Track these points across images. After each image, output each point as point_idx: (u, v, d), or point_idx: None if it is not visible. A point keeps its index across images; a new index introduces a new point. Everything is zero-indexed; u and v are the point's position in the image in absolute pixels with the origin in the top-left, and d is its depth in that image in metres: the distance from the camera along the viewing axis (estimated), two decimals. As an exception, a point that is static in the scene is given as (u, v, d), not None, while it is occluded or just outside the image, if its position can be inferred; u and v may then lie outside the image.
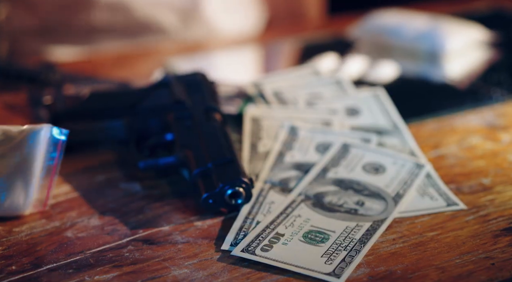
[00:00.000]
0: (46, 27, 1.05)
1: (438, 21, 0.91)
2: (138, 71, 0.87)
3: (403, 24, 0.92)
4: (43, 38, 1.05)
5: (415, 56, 0.89)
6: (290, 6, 1.21)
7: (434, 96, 0.79)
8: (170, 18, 1.06)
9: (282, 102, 0.70)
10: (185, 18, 1.06)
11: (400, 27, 0.91)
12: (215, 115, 0.63)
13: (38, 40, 1.05)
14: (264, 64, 0.98)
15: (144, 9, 1.04)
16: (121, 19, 1.04)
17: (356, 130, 0.65)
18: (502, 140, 0.65)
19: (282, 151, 0.62)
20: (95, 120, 0.65)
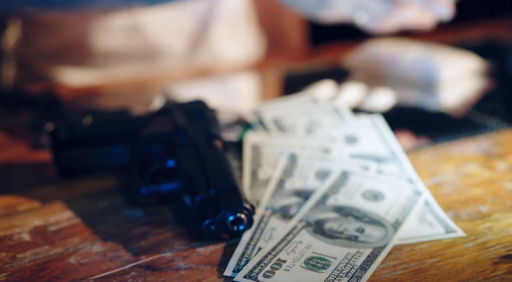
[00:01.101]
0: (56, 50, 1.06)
1: (432, 51, 0.93)
2: (140, 98, 0.88)
3: (399, 53, 0.93)
4: (53, 60, 1.06)
5: (411, 85, 0.91)
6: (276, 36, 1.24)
7: (430, 124, 0.81)
8: (179, 42, 1.07)
9: (281, 130, 0.71)
10: (193, 43, 1.08)
11: (396, 57, 0.93)
12: (216, 142, 0.64)
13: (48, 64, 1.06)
14: (262, 91, 0.99)
15: (153, 34, 1.05)
16: (131, 44, 1.05)
17: (355, 158, 0.66)
18: (498, 168, 0.67)
19: (282, 178, 0.63)
20: (97, 147, 0.66)
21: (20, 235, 0.56)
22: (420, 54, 0.92)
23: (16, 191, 0.63)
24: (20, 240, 0.56)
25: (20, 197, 0.62)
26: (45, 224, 0.58)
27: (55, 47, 1.05)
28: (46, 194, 0.63)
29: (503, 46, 1.06)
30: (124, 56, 1.06)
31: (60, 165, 0.65)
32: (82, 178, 0.65)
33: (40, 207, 0.61)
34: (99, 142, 0.66)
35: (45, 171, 0.67)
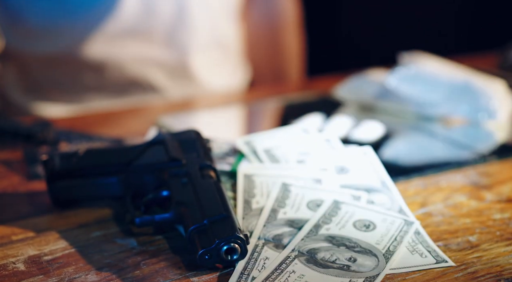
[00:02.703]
0: (37, 86, 1.07)
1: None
2: (132, 129, 0.89)
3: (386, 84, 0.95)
4: (33, 96, 1.07)
5: (400, 115, 0.92)
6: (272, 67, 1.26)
7: (420, 155, 0.82)
8: (159, 76, 1.09)
9: (273, 160, 0.72)
10: (173, 76, 1.09)
11: (385, 87, 0.95)
12: (209, 172, 0.65)
13: (29, 97, 1.07)
14: (253, 122, 1.00)
15: (134, 68, 1.07)
16: (111, 77, 1.06)
17: (346, 188, 0.68)
18: (486, 199, 0.68)
19: (275, 208, 0.64)
20: (91, 177, 0.66)
21: (14, 265, 0.57)
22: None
23: (11, 220, 0.64)
24: (15, 270, 0.56)
25: (15, 227, 0.62)
26: (39, 254, 0.58)
27: (33, 82, 1.06)
28: (40, 223, 0.63)
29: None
30: (101, 90, 1.07)
31: (54, 195, 0.66)
32: (76, 208, 0.66)
33: (34, 237, 0.61)
34: (93, 172, 0.66)
35: (40, 201, 0.67)
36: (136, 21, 1.05)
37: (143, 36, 1.06)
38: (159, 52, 1.07)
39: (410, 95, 0.92)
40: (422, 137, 0.88)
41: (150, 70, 1.08)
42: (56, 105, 1.07)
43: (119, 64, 1.06)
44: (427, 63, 0.95)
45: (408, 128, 0.90)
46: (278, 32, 1.26)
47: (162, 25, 1.06)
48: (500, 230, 0.62)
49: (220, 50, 1.15)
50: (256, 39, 1.26)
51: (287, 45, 1.27)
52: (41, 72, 1.06)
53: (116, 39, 1.04)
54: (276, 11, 1.24)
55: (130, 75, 1.07)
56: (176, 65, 1.09)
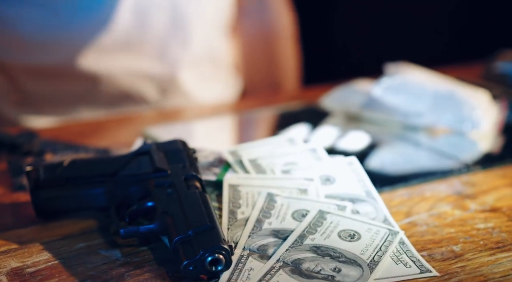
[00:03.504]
0: (28, 98, 1.06)
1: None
2: (118, 140, 0.89)
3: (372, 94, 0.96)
4: (24, 108, 1.07)
5: (385, 125, 0.93)
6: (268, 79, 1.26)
7: (404, 165, 0.83)
8: (151, 89, 1.09)
9: (259, 170, 0.72)
10: (163, 89, 1.09)
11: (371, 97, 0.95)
12: (195, 182, 0.65)
13: (19, 110, 1.07)
14: (240, 132, 1.01)
15: (126, 81, 1.07)
16: (103, 90, 1.06)
17: (331, 198, 0.68)
18: (470, 208, 0.68)
19: (260, 218, 0.64)
20: (75, 188, 0.66)
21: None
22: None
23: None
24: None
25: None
26: (22, 266, 0.58)
27: (24, 94, 1.06)
28: (24, 235, 0.63)
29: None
30: (92, 103, 1.07)
31: (38, 206, 0.65)
32: (61, 219, 0.66)
33: (18, 249, 0.60)
34: (78, 183, 0.66)
35: (24, 212, 0.67)
36: (129, 34, 1.05)
37: (136, 49, 1.06)
38: (151, 65, 1.08)
39: (395, 105, 0.92)
40: (407, 147, 0.88)
41: (142, 83, 1.08)
42: (47, 118, 1.07)
43: (111, 77, 1.06)
44: (412, 74, 0.95)
45: (393, 138, 0.91)
46: (273, 44, 1.26)
47: (155, 39, 1.07)
48: (484, 239, 0.62)
49: (212, 64, 1.16)
50: (251, 51, 1.26)
51: (282, 57, 1.28)
52: (32, 84, 1.05)
53: (109, 52, 1.04)
54: (271, 23, 1.25)
55: (122, 88, 1.07)
56: (167, 79, 1.10)
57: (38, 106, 1.07)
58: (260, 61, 1.27)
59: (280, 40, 1.26)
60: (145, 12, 1.04)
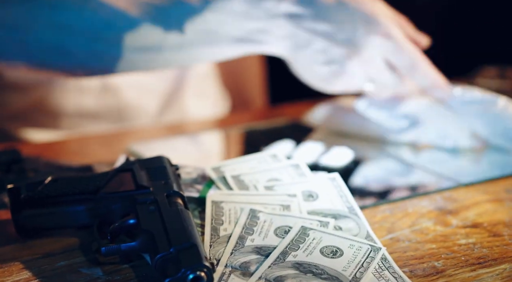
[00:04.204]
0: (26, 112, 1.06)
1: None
2: (102, 157, 0.89)
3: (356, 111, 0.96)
4: (22, 122, 1.06)
5: (369, 141, 0.93)
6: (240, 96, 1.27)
7: (387, 180, 0.83)
8: (151, 102, 1.09)
9: (242, 187, 0.72)
10: (165, 104, 1.10)
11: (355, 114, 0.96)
12: (177, 199, 0.65)
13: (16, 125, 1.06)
14: (224, 149, 1.01)
15: (127, 94, 1.07)
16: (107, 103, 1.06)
17: (313, 214, 0.68)
18: (451, 224, 0.69)
19: (243, 235, 0.64)
20: (57, 206, 0.66)
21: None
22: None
23: (-26, 251, 0.63)
24: (-24, 302, 0.55)
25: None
26: (2, 285, 0.57)
27: (23, 108, 1.05)
28: (4, 254, 0.62)
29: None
30: (95, 116, 1.07)
31: (19, 224, 0.65)
32: (42, 237, 0.65)
33: (-3, 267, 0.60)
34: (59, 201, 0.66)
35: (4, 230, 0.66)
36: None
37: None
38: (155, 80, 1.08)
39: (378, 121, 0.93)
40: (391, 162, 0.89)
41: (146, 98, 1.08)
42: (53, 131, 1.06)
43: (116, 90, 1.06)
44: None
45: (377, 154, 0.91)
46: (241, 61, 1.27)
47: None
48: (465, 255, 0.62)
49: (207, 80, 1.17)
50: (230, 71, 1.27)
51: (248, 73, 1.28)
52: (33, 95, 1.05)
53: None
54: None
55: (126, 102, 1.07)
56: (171, 94, 1.10)
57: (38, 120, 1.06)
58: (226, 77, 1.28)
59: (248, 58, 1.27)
60: None
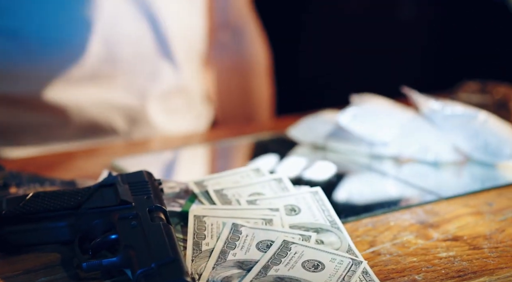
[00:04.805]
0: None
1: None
2: (85, 172, 0.89)
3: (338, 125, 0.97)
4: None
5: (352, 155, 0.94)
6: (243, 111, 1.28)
7: (370, 194, 0.84)
8: (120, 120, 1.09)
9: (225, 201, 0.73)
10: (132, 120, 1.10)
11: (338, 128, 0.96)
12: (159, 214, 0.65)
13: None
14: (209, 163, 1.01)
15: (95, 112, 1.07)
16: (72, 121, 1.06)
17: (296, 228, 0.68)
18: (432, 237, 0.69)
19: (225, 249, 0.64)
20: (38, 222, 0.65)
21: (-45, 314, 0.55)
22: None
23: (-48, 267, 0.62)
24: (-46, 319, 0.54)
25: (-44, 274, 0.61)
26: (-18, 301, 0.57)
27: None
28: (-16, 270, 0.62)
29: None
30: (61, 134, 1.06)
31: (0, 240, 0.65)
32: (23, 253, 0.65)
33: (-23, 284, 0.60)
34: (40, 217, 0.65)
35: (-16, 247, 0.66)
36: (99, 66, 1.05)
37: (105, 81, 1.07)
38: (120, 96, 1.08)
39: (361, 134, 0.94)
40: (374, 176, 0.89)
41: (111, 115, 1.08)
42: (16, 149, 1.06)
43: (80, 108, 1.06)
44: (377, 104, 0.97)
45: (359, 167, 0.92)
46: (248, 77, 1.28)
47: (124, 71, 1.07)
48: (445, 268, 0.63)
49: (183, 96, 1.17)
50: (226, 83, 1.28)
51: (256, 89, 1.29)
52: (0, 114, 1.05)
53: (78, 83, 1.05)
54: (247, 56, 1.27)
55: (91, 119, 1.07)
56: (136, 110, 1.10)
57: (5, 136, 1.06)
58: (234, 93, 1.29)
59: (255, 73, 1.28)
60: (115, 45, 1.05)
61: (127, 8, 1.05)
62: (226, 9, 1.23)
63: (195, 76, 1.18)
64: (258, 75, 1.29)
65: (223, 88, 1.27)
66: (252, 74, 1.28)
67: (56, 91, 1.03)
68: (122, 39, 1.06)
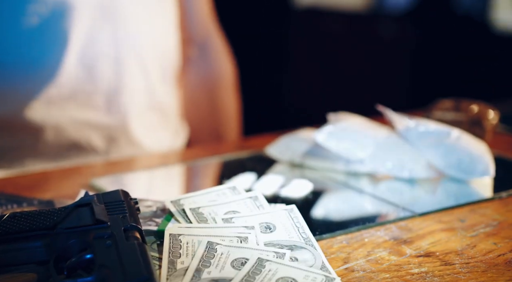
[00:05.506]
0: None
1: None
2: (64, 192, 0.89)
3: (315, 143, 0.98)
4: None
5: (329, 172, 0.95)
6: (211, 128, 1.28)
7: (346, 211, 0.85)
8: (99, 139, 1.09)
9: (201, 219, 0.73)
10: (112, 139, 1.10)
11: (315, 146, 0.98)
12: (135, 233, 0.65)
13: None
14: (186, 182, 1.01)
15: (73, 131, 1.07)
16: (49, 140, 1.06)
17: (270, 246, 0.69)
18: (406, 253, 0.70)
19: (199, 267, 0.65)
20: (14, 242, 0.66)
21: None
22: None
23: None
24: None
25: None
26: (-45, 322, 0.57)
27: None
28: (-41, 290, 0.62)
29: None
30: (39, 154, 1.06)
31: (-25, 261, 0.65)
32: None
33: (-49, 305, 0.59)
34: (17, 238, 0.66)
35: (-41, 267, 0.66)
36: (76, 86, 1.06)
37: (83, 100, 1.07)
38: (99, 115, 1.08)
39: (338, 152, 0.95)
40: (350, 193, 0.90)
41: (90, 134, 1.09)
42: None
43: (58, 127, 1.06)
44: (353, 122, 0.98)
45: (336, 184, 0.93)
46: (215, 93, 1.29)
47: (102, 89, 1.08)
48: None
49: (158, 114, 1.17)
50: (194, 100, 1.28)
51: (224, 106, 1.30)
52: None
53: (56, 103, 1.05)
54: (213, 73, 1.28)
55: (70, 139, 1.08)
56: (116, 129, 1.10)
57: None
58: (203, 111, 1.29)
59: (221, 90, 1.29)
60: (91, 64, 1.06)
61: (102, 27, 1.06)
62: (191, 25, 1.24)
63: (169, 93, 1.19)
64: (225, 92, 1.29)
65: (192, 105, 1.28)
66: (219, 90, 1.29)
67: (34, 111, 1.03)
68: (97, 58, 1.07)
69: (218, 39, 1.29)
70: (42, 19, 1.00)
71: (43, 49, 1.02)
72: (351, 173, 0.95)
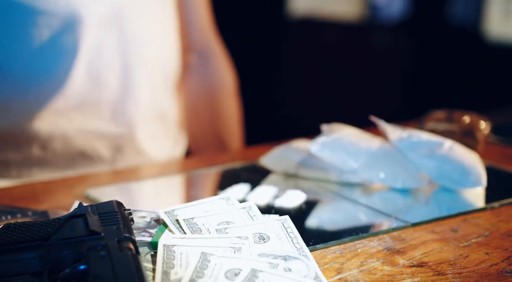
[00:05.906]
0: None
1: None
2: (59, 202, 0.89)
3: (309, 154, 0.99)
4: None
5: (323, 182, 0.95)
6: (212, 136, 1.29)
7: (339, 221, 0.85)
8: (106, 149, 1.09)
9: (195, 230, 0.73)
10: (119, 148, 1.10)
11: (308, 156, 0.98)
12: (128, 244, 0.65)
13: None
14: (182, 192, 1.02)
15: (80, 141, 1.08)
16: (57, 150, 1.06)
17: (264, 256, 0.69)
18: (399, 263, 0.71)
19: (193, 278, 0.65)
20: (8, 254, 0.66)
21: None
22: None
23: None
24: None
25: None
26: None
27: None
28: (-48, 302, 0.62)
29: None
30: (46, 164, 1.07)
31: (-32, 272, 0.65)
32: (-9, 284, 0.65)
33: None
34: (10, 249, 0.66)
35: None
36: (84, 97, 1.06)
37: (90, 110, 1.08)
38: (105, 125, 1.09)
39: (331, 162, 0.95)
40: (343, 203, 0.91)
41: (97, 143, 1.09)
42: (2, 181, 1.06)
43: (65, 138, 1.07)
44: (347, 133, 0.99)
45: (330, 195, 0.93)
46: (216, 101, 1.29)
47: (109, 100, 1.08)
48: (410, 294, 0.64)
49: (161, 122, 1.18)
50: (194, 108, 1.29)
51: (226, 114, 1.30)
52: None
53: (63, 113, 1.05)
54: (214, 81, 1.28)
55: (77, 149, 1.08)
56: (123, 138, 1.11)
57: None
58: (203, 119, 1.30)
59: (222, 97, 1.29)
60: (98, 76, 1.07)
61: (109, 38, 1.07)
62: (191, 32, 1.25)
63: (170, 102, 1.20)
64: (226, 100, 1.30)
65: (192, 114, 1.28)
66: (220, 99, 1.29)
67: (42, 122, 1.04)
68: (104, 69, 1.07)
69: (218, 46, 1.29)
70: (51, 31, 1.01)
71: (53, 61, 1.02)
72: (344, 183, 0.95)
